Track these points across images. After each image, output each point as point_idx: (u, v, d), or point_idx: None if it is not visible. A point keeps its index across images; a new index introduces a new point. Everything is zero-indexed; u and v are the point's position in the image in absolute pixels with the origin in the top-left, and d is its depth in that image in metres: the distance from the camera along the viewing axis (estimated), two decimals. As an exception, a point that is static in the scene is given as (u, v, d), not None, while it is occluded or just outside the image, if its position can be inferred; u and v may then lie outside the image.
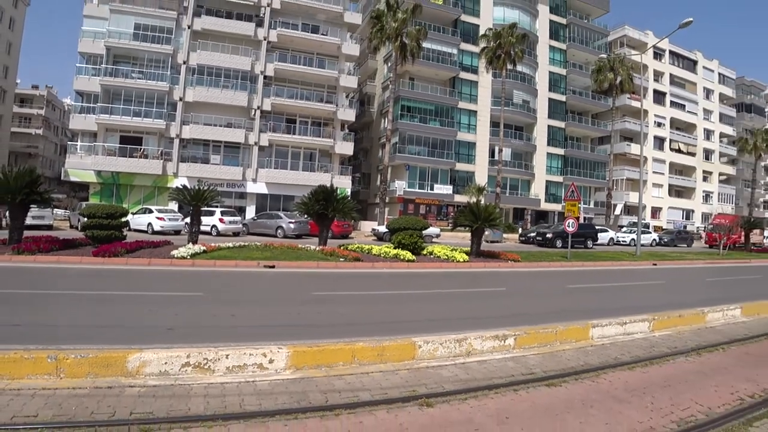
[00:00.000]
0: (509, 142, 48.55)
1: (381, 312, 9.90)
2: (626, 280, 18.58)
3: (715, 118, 71.75)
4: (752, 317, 11.89)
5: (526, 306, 11.76)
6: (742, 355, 8.40)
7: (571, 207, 24.30)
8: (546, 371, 6.41)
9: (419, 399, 4.91)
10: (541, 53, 53.57)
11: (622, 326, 9.06)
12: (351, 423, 4.30)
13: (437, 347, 6.58)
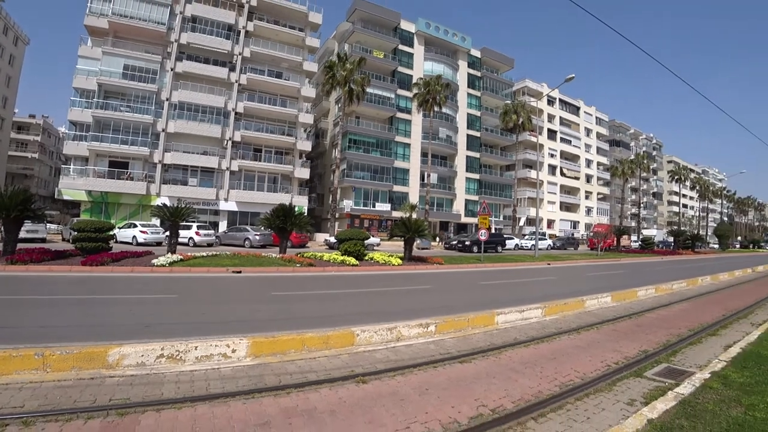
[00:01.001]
0: (436, 169, 51.36)
1: (328, 307, 9.77)
2: (527, 276, 19.07)
3: (593, 151, 77.88)
4: (619, 302, 12.61)
5: (447, 300, 11.80)
6: (611, 332, 8.90)
7: (483, 220, 25.13)
8: (460, 351, 6.67)
9: (356, 377, 5.17)
10: (461, 99, 56.70)
11: (521, 313, 9.38)
12: (299, 399, 4.46)
13: (372, 335, 6.80)
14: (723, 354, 6.82)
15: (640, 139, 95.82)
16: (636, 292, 14.01)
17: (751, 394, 4.80)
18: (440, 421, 4.11)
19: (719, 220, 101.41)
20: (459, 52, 57.42)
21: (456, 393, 4.91)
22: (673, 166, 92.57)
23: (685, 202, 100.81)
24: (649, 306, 12.40)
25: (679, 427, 3.90)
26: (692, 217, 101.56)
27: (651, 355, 7.09)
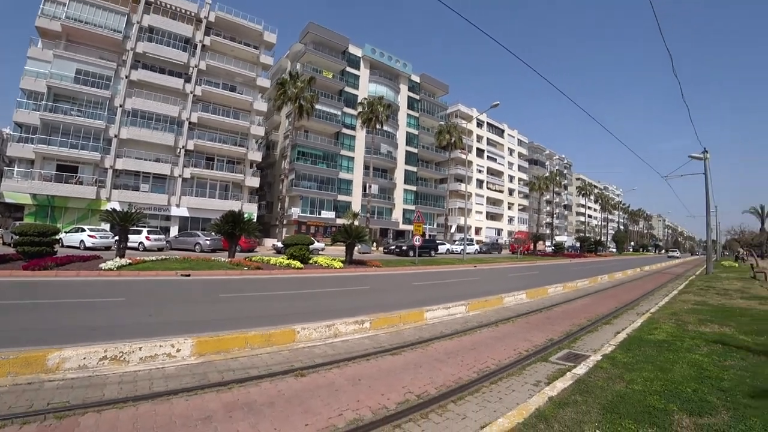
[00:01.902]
0: (377, 181, 51.76)
1: (273, 307, 9.54)
2: (455, 277, 19.26)
3: (515, 168, 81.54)
4: (532, 299, 13.13)
5: (383, 299, 11.75)
6: (524, 324, 9.24)
7: (417, 227, 25.39)
8: (391, 345, 6.74)
9: (295, 371, 5.12)
10: (401, 118, 57.56)
11: (447, 310, 9.51)
12: (241, 393, 4.36)
13: (312, 332, 6.74)
14: (613, 339, 7.26)
15: (554, 159, 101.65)
16: (547, 289, 14.66)
17: (631, 371, 5.21)
18: (370, 408, 4.19)
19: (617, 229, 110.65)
20: (401, 76, 58.34)
21: (386, 382, 5.00)
22: (581, 183, 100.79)
23: (590, 213, 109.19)
24: (557, 301, 13.10)
25: (574, 402, 4.14)
26: (595, 226, 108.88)
27: (556, 343, 7.51)
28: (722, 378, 4.99)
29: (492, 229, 74.64)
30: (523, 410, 3.93)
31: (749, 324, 8.73)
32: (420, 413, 4.13)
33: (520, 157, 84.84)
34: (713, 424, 3.66)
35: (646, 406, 4.01)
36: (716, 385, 4.71)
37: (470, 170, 67.72)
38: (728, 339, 7.21)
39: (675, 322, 8.77)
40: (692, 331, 7.92)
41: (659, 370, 5.26)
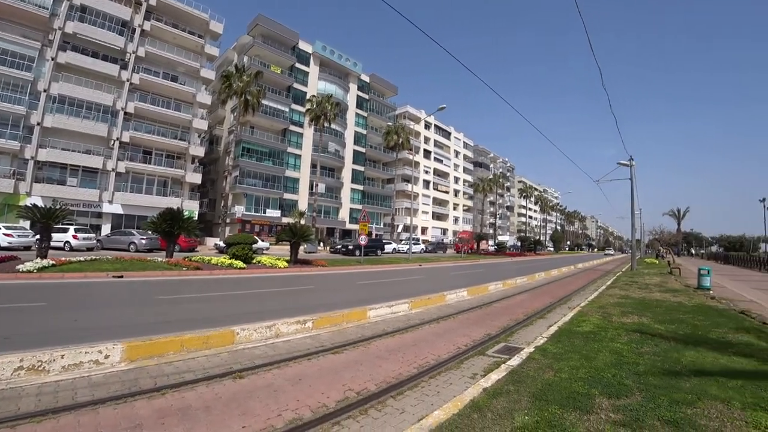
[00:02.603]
0: (324, 179, 51.33)
1: (212, 309, 9.13)
2: (400, 276, 19.46)
3: (460, 170, 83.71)
4: (474, 296, 13.47)
5: (327, 298, 11.66)
6: (464, 320, 9.46)
7: (363, 226, 25.44)
8: (333, 343, 6.71)
9: (234, 373, 4.99)
10: (350, 117, 57.29)
11: (390, 308, 9.59)
12: (174, 399, 4.18)
13: (252, 333, 6.59)
14: (546, 332, 7.64)
15: (498, 162, 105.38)
16: (488, 287, 15.16)
17: (560, 361, 5.56)
18: (310, 407, 4.19)
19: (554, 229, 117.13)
20: (350, 75, 58.13)
21: (327, 381, 5.01)
22: (522, 185, 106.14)
23: (531, 214, 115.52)
24: (496, 298, 13.57)
25: (506, 392, 4.37)
26: (535, 226, 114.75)
27: (493, 337, 7.81)
28: (638, 363, 5.51)
29: (438, 228, 76.08)
30: (459, 402, 4.09)
31: (663, 314, 9.70)
32: (359, 410, 4.18)
33: (466, 159, 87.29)
34: (628, 404, 4.04)
35: (571, 392, 4.32)
36: (633, 370, 5.20)
37: (417, 171, 68.83)
38: (645, 328, 7.95)
39: (601, 315, 9.47)
40: (616, 322, 8.60)
41: (584, 359, 5.66)
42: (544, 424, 3.50)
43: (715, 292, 15.05)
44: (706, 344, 6.69)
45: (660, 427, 3.52)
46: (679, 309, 10.62)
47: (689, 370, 5.22)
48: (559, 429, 3.43)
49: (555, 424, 3.51)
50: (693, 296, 13.64)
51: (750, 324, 8.73)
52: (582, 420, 3.65)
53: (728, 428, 3.55)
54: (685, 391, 4.41)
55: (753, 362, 5.74)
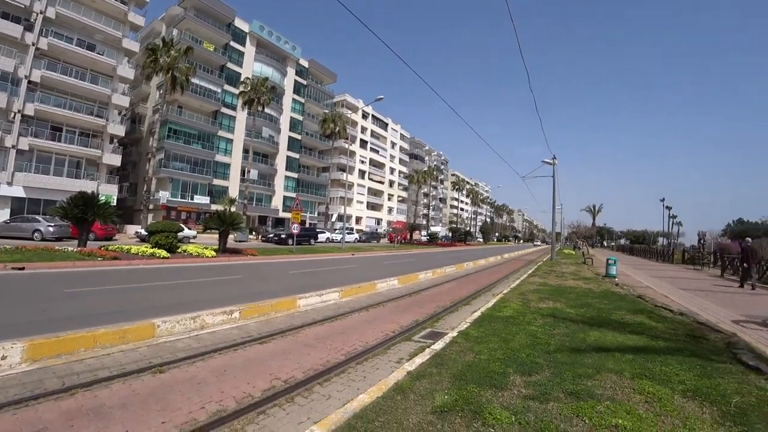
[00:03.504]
0: (257, 166, 49.74)
1: (131, 301, 8.48)
2: (333, 265, 19.38)
3: (396, 161, 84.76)
4: (404, 284, 13.69)
5: (256, 288, 11.32)
6: (394, 308, 9.61)
7: (296, 215, 24.97)
8: (261, 333, 6.58)
9: (153, 368, 4.75)
10: (286, 102, 55.79)
11: (320, 297, 9.52)
12: (86, 398, 3.91)
13: (174, 325, 6.29)
14: (469, 317, 7.95)
15: (433, 154, 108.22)
16: (418, 275, 15.50)
17: (480, 344, 5.89)
18: (235, 398, 4.14)
19: (484, 221, 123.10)
20: (289, 59, 56.45)
21: (253, 371, 4.95)
22: (455, 179, 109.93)
23: (462, 206, 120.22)
24: (426, 286, 13.94)
25: (429, 374, 4.58)
26: (466, 218, 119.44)
27: (420, 323, 8.06)
28: (550, 343, 6.00)
29: (372, 218, 76.76)
30: (383, 385, 4.23)
31: (575, 299, 10.60)
32: (286, 398, 4.21)
33: (402, 151, 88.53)
34: (538, 380, 4.43)
35: (489, 372, 4.63)
36: (544, 349, 5.66)
37: (353, 160, 68.79)
38: (558, 312, 8.65)
39: (521, 301, 10.13)
40: (533, 307, 9.25)
41: (503, 341, 6.06)
42: (462, 402, 3.74)
43: (619, 280, 16.70)
44: (608, 325, 7.46)
45: (563, 399, 3.92)
46: (589, 295, 11.66)
47: (592, 348, 5.81)
48: (476, 405, 3.67)
49: (472, 401, 3.76)
50: (601, 283, 15.03)
51: (644, 307, 9.86)
52: (497, 396, 3.94)
53: (619, 395, 4.05)
54: (587, 366, 4.93)
55: (643, 339, 6.55)
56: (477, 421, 3.39)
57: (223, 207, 35.41)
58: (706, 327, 7.71)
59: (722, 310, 10.14)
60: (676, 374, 4.73)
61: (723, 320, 8.77)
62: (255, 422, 3.67)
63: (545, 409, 3.69)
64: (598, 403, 3.82)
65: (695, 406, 3.87)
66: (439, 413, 3.54)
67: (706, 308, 10.43)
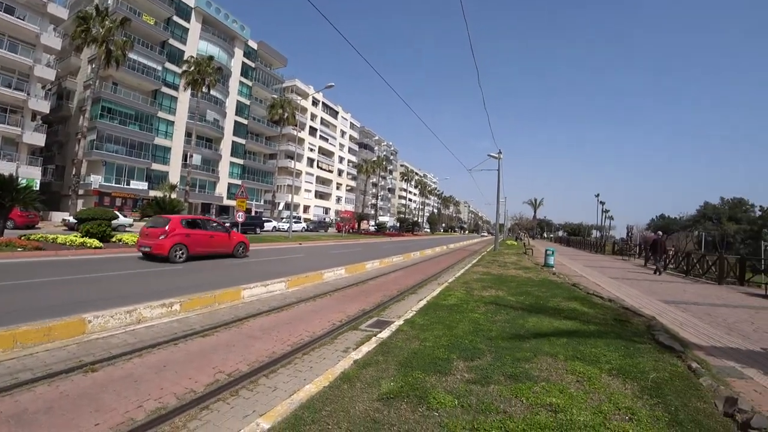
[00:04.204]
0: (200, 150, 47.58)
1: (58, 296, 7.71)
2: (280, 255, 18.82)
3: (346, 150, 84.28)
4: (351, 274, 13.62)
5: (198, 279, 10.75)
6: (341, 297, 9.63)
7: (241, 203, 24.34)
8: (204, 326, 6.36)
9: (84, 367, 4.43)
10: (233, 85, 53.60)
11: (266, 287, 9.35)
12: (6, 404, 3.57)
13: (108, 320, 5.90)
14: (415, 306, 8.09)
15: (382, 145, 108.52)
16: (365, 265, 15.54)
17: (426, 332, 6.04)
18: (176, 394, 3.98)
19: (431, 212, 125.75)
20: (237, 39, 54.11)
21: (195, 365, 4.79)
22: (404, 169, 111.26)
23: (411, 197, 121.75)
24: (373, 275, 14.06)
25: (376, 362, 4.63)
26: (414, 208, 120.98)
27: (367, 312, 8.12)
28: (492, 330, 6.28)
29: (320, 207, 76.11)
30: (330, 374, 4.25)
31: (516, 288, 11.13)
32: (230, 391, 4.11)
33: (352, 140, 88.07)
34: (480, 365, 4.64)
35: (433, 358, 4.78)
36: (486, 335, 5.91)
37: (302, 148, 67.52)
38: (500, 300, 9.03)
39: (465, 289, 10.46)
40: (476, 295, 9.59)
41: (447, 329, 6.24)
42: (407, 388, 3.84)
43: (556, 269, 17.74)
44: (545, 312, 7.92)
45: (503, 381, 4.14)
46: (528, 283, 12.27)
47: (530, 333, 6.16)
48: (421, 391, 3.78)
49: (417, 387, 3.87)
50: (540, 272, 15.87)
51: (578, 294, 10.57)
52: (441, 382, 4.08)
53: (553, 376, 4.35)
54: (525, 350, 5.23)
55: (576, 323, 7.05)
56: (422, 406, 3.50)
57: (162, 193, 33.80)
58: (631, 312, 8.46)
59: (644, 297, 11.21)
60: (603, 355, 5.16)
61: (645, 305, 9.68)
62: (198, 418, 3.56)
63: (486, 391, 3.88)
64: (534, 384, 4.08)
65: (619, 383, 4.26)
66: (386, 400, 3.61)
67: (631, 295, 11.49)
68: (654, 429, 3.29)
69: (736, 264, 16.27)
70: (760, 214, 47.34)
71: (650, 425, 3.34)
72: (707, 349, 6.07)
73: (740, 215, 48.76)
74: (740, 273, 15.80)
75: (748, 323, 8.20)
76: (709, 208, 52.12)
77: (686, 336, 6.80)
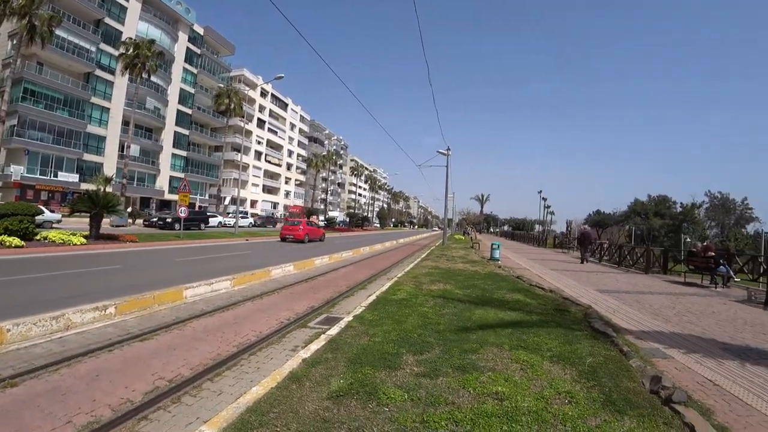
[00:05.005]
0: (139, 141, 45.02)
1: None
2: (225, 252, 18.58)
3: (295, 144, 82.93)
4: (300, 270, 13.56)
5: (137, 279, 10.13)
6: (289, 295, 9.44)
7: (183, 197, 23.45)
8: (142, 329, 6.01)
9: (2, 382, 3.98)
10: (176, 72, 51.09)
11: (210, 286, 9.03)
12: None
13: (30, 328, 5.32)
14: (365, 301, 8.09)
15: (333, 139, 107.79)
16: (314, 261, 15.48)
17: (375, 327, 6.08)
18: (110, 406, 3.71)
19: (381, 207, 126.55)
20: (181, 23, 51.39)
21: (132, 372, 4.50)
22: (354, 164, 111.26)
23: (360, 192, 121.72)
24: (323, 271, 14.01)
25: (325, 360, 4.60)
26: (364, 203, 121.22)
27: (316, 309, 8.05)
28: (440, 323, 6.42)
29: (268, 202, 74.53)
30: (278, 375, 4.16)
31: (463, 281, 11.48)
32: (171, 398, 3.92)
33: (301, 133, 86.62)
34: (429, 358, 4.75)
35: (383, 353, 4.82)
36: (435, 329, 6.04)
37: (249, 140, 65.57)
38: (448, 294, 9.27)
39: (414, 284, 10.64)
40: (425, 289, 9.77)
41: (396, 323, 6.32)
42: (357, 385, 3.85)
43: (502, 263, 18.46)
44: (490, 304, 8.23)
45: (452, 373, 4.26)
46: (475, 276, 12.72)
47: (477, 325, 6.37)
48: (371, 387, 3.81)
49: (367, 383, 3.89)
50: (486, 266, 16.47)
51: (521, 286, 11.12)
52: (391, 376, 4.13)
53: (499, 366, 4.55)
54: (472, 342, 5.41)
55: (520, 314, 7.39)
56: (372, 402, 3.52)
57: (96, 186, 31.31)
58: (570, 301, 9.06)
59: (582, 287, 12.08)
60: (545, 343, 5.48)
61: (582, 295, 10.43)
62: (135, 430, 3.36)
63: (435, 384, 3.98)
64: (481, 374, 4.25)
65: (559, 369, 4.55)
66: (335, 398, 3.60)
67: (570, 285, 12.34)
68: (591, 410, 3.54)
69: (661, 255, 18.09)
70: (681, 210, 52.19)
71: (587, 406, 3.59)
72: (636, 333, 6.66)
73: (664, 211, 53.42)
74: (664, 263, 17.54)
75: (670, 308, 9.11)
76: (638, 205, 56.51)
77: (618, 322, 7.40)
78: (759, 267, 14.75)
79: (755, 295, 10.96)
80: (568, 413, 3.43)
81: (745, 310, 9.48)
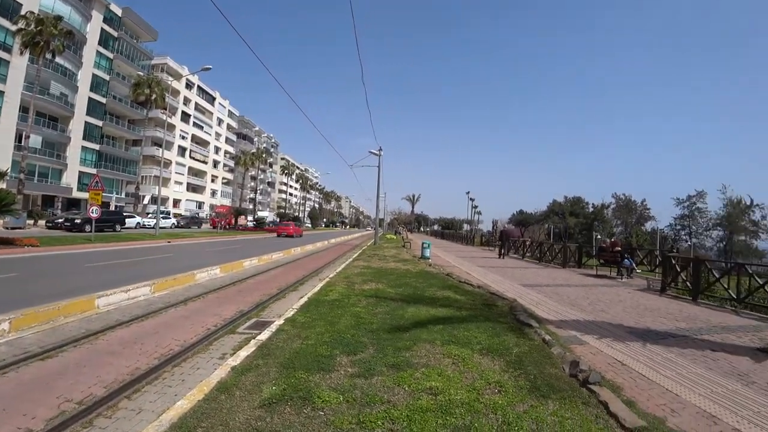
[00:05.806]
0: (41, 131, 40.16)
1: None
2: (144, 255, 17.57)
3: (222, 140, 79.78)
4: (227, 273, 13.15)
5: (35, 289, 8.95)
6: (215, 299, 9.19)
7: (95, 196, 21.89)
8: (44, 346, 5.40)
9: None
10: (88, 55, 46.33)
11: (127, 293, 8.48)
12: None
13: None
14: (296, 303, 8.03)
15: (263, 136, 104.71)
16: (242, 263, 15.11)
17: (308, 329, 6.03)
18: (4, 438, 3.31)
19: (313, 207, 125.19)
20: (96, 0, 46.79)
21: (33, 397, 3.99)
22: (285, 163, 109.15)
23: (291, 191, 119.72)
24: (252, 273, 13.72)
25: (256, 366, 4.45)
26: (295, 203, 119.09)
27: (245, 314, 7.86)
28: (373, 322, 6.53)
29: (193, 201, 71.16)
30: (205, 386, 3.97)
31: (395, 280, 11.75)
32: (82, 422, 3.55)
33: (229, 129, 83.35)
34: (363, 358, 4.80)
35: (317, 356, 4.79)
36: (368, 328, 6.13)
37: (172, 135, 61.72)
38: (380, 293, 9.43)
39: (346, 284, 10.71)
40: (357, 289, 9.85)
41: (329, 324, 6.33)
42: (290, 390, 3.78)
43: (432, 261, 19.07)
44: (422, 301, 8.50)
45: (386, 372, 4.35)
46: (407, 275, 13.04)
47: (409, 323, 6.55)
48: (305, 391, 3.76)
49: (301, 388, 3.83)
50: (417, 264, 16.96)
51: (451, 283, 11.62)
52: (325, 379, 4.12)
53: (432, 361, 4.73)
54: (405, 340, 5.56)
55: (450, 310, 7.70)
56: (307, 407, 3.48)
57: (-14, 182, 27.83)
58: (496, 296, 9.63)
59: (507, 282, 13.02)
60: (474, 337, 5.79)
61: (508, 289, 11.17)
62: (37, 463, 3.00)
63: (370, 383, 4.03)
64: (415, 370, 4.38)
65: (489, 361, 4.86)
66: (268, 406, 3.51)
67: (496, 281, 13.15)
68: (518, 397, 3.83)
69: (576, 251, 19.98)
70: (592, 210, 57.98)
71: (515, 394, 3.88)
72: (556, 323, 7.27)
73: (578, 211, 59.11)
74: (579, 258, 19.41)
75: (584, 299, 10.09)
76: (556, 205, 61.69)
77: (540, 313, 8.02)
78: (655, 259, 17.32)
79: (653, 284, 12.66)
80: (498, 402, 3.66)
81: (646, 297, 10.92)
